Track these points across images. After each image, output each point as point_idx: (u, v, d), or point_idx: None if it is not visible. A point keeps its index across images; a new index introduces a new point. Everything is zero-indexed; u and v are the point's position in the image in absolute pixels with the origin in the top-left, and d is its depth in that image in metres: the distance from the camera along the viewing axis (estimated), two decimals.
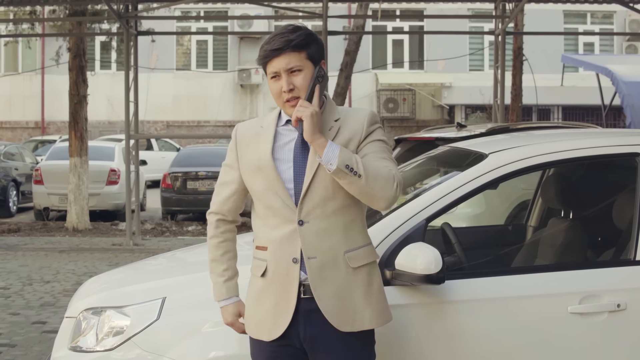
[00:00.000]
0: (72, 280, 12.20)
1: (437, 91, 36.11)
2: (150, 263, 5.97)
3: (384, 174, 3.75)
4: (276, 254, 3.87)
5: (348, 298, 3.86)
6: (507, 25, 17.82)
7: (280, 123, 3.96)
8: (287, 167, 3.86)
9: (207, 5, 23.10)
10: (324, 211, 3.82)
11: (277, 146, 3.90)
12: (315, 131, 3.73)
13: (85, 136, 18.82)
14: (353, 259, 3.87)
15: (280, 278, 3.86)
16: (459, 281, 4.44)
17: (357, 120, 3.90)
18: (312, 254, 3.82)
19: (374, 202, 3.78)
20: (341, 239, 3.85)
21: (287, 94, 3.81)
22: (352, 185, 3.72)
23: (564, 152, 4.80)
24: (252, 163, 3.92)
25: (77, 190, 18.52)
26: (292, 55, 3.81)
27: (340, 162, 3.68)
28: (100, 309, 4.76)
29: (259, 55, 3.88)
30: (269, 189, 3.86)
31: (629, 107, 19.84)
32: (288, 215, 3.83)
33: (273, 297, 3.88)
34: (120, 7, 16.83)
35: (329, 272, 3.83)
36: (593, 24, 36.67)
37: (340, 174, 3.69)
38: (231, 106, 36.82)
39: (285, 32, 3.83)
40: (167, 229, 18.95)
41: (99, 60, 35.46)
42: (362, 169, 3.70)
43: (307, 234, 3.82)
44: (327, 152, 3.70)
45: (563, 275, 4.60)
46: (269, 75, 3.86)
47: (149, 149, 31.19)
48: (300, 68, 3.82)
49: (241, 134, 4.03)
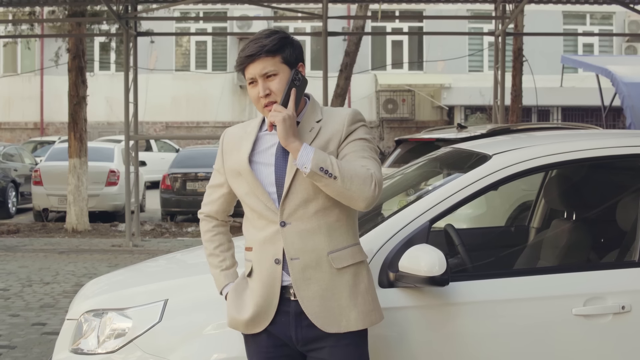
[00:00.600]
0: (71, 281, 12.17)
1: (436, 92, 36.10)
2: (151, 265, 5.95)
3: (360, 174, 3.73)
4: (259, 254, 3.90)
5: (333, 299, 3.85)
6: (507, 26, 17.81)
7: (263, 128, 3.99)
8: (269, 171, 3.88)
9: (207, 7, 23.07)
10: (305, 212, 3.83)
11: (258, 151, 3.93)
12: (288, 135, 3.73)
13: (84, 137, 18.80)
14: (337, 259, 3.85)
15: (263, 278, 3.88)
16: (462, 283, 4.41)
17: (338, 119, 3.89)
18: (294, 254, 3.83)
19: (352, 203, 3.77)
20: (324, 239, 3.84)
21: (264, 99, 3.82)
22: (328, 187, 3.71)
23: (569, 153, 4.77)
24: (233, 168, 3.97)
25: (76, 191, 18.50)
26: (267, 60, 3.81)
27: (314, 164, 3.68)
28: (101, 311, 4.73)
29: (236, 62, 3.89)
30: (250, 192, 3.90)
31: (629, 108, 19.85)
32: (271, 217, 3.85)
33: (255, 296, 3.90)
34: (119, 8, 16.82)
35: (312, 273, 3.83)
36: (592, 25, 36.66)
37: (315, 176, 3.69)
38: (230, 107, 36.80)
39: (260, 38, 3.85)
40: (166, 230, 18.93)
41: (97, 61, 35.44)
42: (338, 170, 3.69)
43: (289, 235, 3.83)
44: (301, 156, 3.70)
45: (567, 277, 4.57)
46: (247, 82, 3.87)
47: (148, 150, 31.17)
48: (275, 72, 3.82)
49: (227, 140, 4.08)
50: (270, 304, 3.87)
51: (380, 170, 3.81)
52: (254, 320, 3.90)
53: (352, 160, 3.78)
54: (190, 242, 16.94)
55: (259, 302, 3.88)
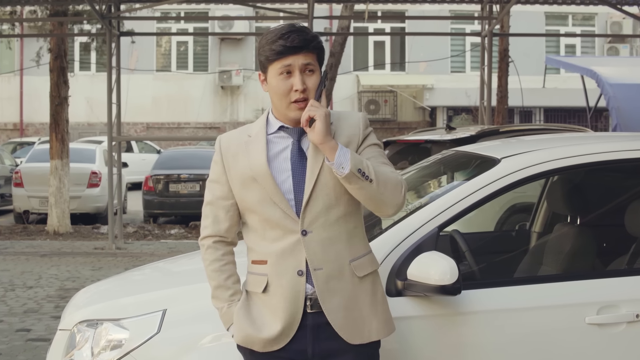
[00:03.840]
0: (55, 285, 11.96)
1: (418, 93, 36.00)
2: (137, 274, 5.77)
3: (392, 179, 3.60)
4: (278, 267, 3.67)
5: (356, 309, 3.69)
6: (494, 26, 17.70)
7: (270, 130, 3.77)
8: (285, 177, 3.67)
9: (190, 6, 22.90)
10: (327, 219, 3.65)
11: (270, 155, 3.71)
12: (327, 133, 3.55)
13: (66, 138, 18.58)
14: (358, 267, 3.70)
15: (285, 292, 3.66)
16: (472, 291, 4.25)
17: (352, 124, 3.75)
18: (318, 265, 3.64)
19: (382, 208, 3.62)
20: (345, 247, 3.68)
21: (299, 94, 3.61)
22: (362, 191, 3.55)
23: (581, 157, 4.63)
24: (244, 175, 3.72)
25: (58, 193, 18.28)
26: (309, 55, 3.63)
27: (353, 165, 3.50)
28: (96, 322, 4.53)
29: (271, 50, 3.61)
30: (266, 200, 3.66)
31: (615, 110, 19.82)
32: (290, 226, 3.64)
33: (278, 312, 3.67)
34: (102, 8, 16.60)
35: (335, 283, 3.66)
36: (574, 25, 36.68)
37: (353, 178, 3.51)
38: (211, 108, 36.62)
39: (301, 31, 3.64)
40: (149, 232, 18.75)
41: (78, 61, 35.16)
42: (374, 173, 3.54)
43: (312, 244, 3.64)
44: (339, 155, 3.52)
45: (580, 285, 4.43)
46: (279, 71, 3.62)
47: (128, 151, 30.96)
48: (314, 69, 3.65)
49: (226, 145, 3.81)
50: (295, 319, 3.66)
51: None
52: (277, 337, 3.68)
53: (376, 166, 3.61)
54: (174, 244, 16.79)
55: (284, 317, 3.66)
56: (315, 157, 3.65)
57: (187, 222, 19.71)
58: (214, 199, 3.82)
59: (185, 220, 19.91)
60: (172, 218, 20.85)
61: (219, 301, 3.84)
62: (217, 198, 3.81)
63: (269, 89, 3.70)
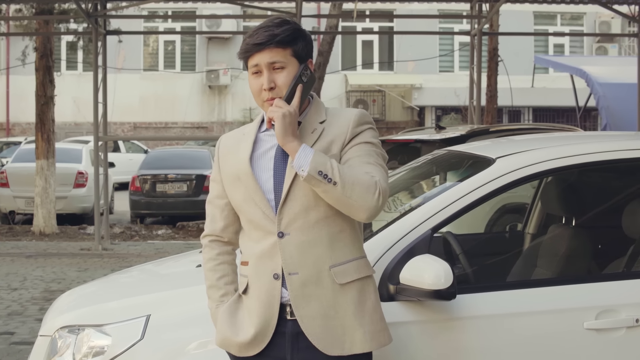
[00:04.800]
0: (40, 287, 11.79)
1: (407, 92, 35.89)
2: (123, 276, 5.63)
3: (363, 181, 3.40)
4: (256, 269, 3.56)
5: (336, 318, 3.51)
6: (484, 25, 17.60)
7: (262, 128, 3.66)
8: (267, 176, 3.55)
9: (178, 5, 22.71)
10: (305, 222, 3.49)
11: (257, 154, 3.60)
12: (286, 134, 3.40)
13: (52, 138, 18.40)
14: (340, 274, 3.52)
15: (261, 296, 3.54)
16: (467, 296, 4.11)
17: (343, 121, 3.57)
18: (293, 269, 3.49)
19: (353, 213, 3.44)
20: (326, 252, 3.51)
21: (267, 93, 3.49)
22: (327, 194, 3.39)
23: (576, 157, 4.48)
24: (231, 173, 3.62)
25: (44, 194, 18.10)
26: (276, 51, 3.49)
27: (312, 168, 3.35)
28: (77, 327, 4.38)
29: (241, 48, 3.55)
30: (248, 199, 3.55)
31: (605, 109, 19.84)
32: (268, 227, 3.52)
33: (253, 316, 3.55)
34: (88, 6, 16.44)
35: (312, 290, 3.50)
36: (563, 25, 36.66)
37: (313, 180, 3.36)
38: (199, 107, 36.46)
39: (271, 26, 3.52)
40: (136, 232, 18.61)
41: (65, 60, 34.93)
42: (338, 175, 3.36)
43: (288, 247, 3.49)
44: (299, 157, 3.38)
45: (578, 289, 4.30)
46: (251, 71, 3.54)
47: (115, 151, 30.76)
48: (283, 65, 3.50)
49: (223, 144, 3.75)
50: (269, 325, 3.52)
51: (386, 179, 3.49)
52: (251, 342, 3.54)
53: (356, 165, 3.45)
54: (161, 245, 16.66)
55: (258, 322, 3.53)
56: None
57: (174, 223, 19.58)
58: (212, 198, 3.76)
59: (173, 221, 19.78)
60: (159, 218, 20.71)
61: (210, 301, 3.73)
62: (214, 197, 3.75)
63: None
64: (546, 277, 5.06)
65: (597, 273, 5.12)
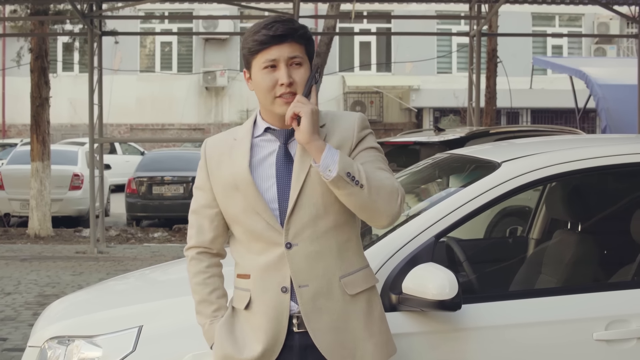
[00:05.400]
0: (34, 291, 11.62)
1: (404, 94, 35.72)
2: (120, 283, 5.46)
3: (387, 185, 3.26)
4: (262, 282, 3.37)
5: (347, 330, 3.37)
6: (483, 26, 17.47)
7: (257, 132, 3.46)
8: (269, 184, 3.37)
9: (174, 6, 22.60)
10: (314, 231, 3.33)
11: (255, 161, 3.40)
12: (314, 131, 3.22)
13: (47, 140, 18.23)
14: (350, 284, 3.38)
15: (267, 310, 3.36)
16: (472, 306, 3.96)
17: (347, 125, 3.42)
18: (303, 281, 3.33)
19: (376, 218, 3.29)
20: (335, 262, 3.36)
21: (284, 88, 3.29)
22: (352, 197, 3.22)
23: (584, 161, 4.33)
24: (227, 182, 3.42)
25: (39, 196, 17.93)
26: (295, 46, 3.32)
27: (341, 168, 3.17)
28: (67, 338, 4.21)
29: (254, 40, 3.32)
30: (249, 209, 3.36)
31: (604, 111, 19.72)
32: (274, 238, 3.34)
33: (260, 331, 3.37)
34: (84, 7, 16.28)
35: (323, 302, 3.34)
36: (561, 26, 36.51)
37: (340, 182, 3.18)
38: (196, 109, 36.28)
39: (286, 20, 3.34)
40: (132, 235, 18.44)
41: (61, 61, 34.72)
42: (365, 178, 3.20)
43: (297, 258, 3.32)
44: (326, 157, 3.19)
45: (587, 299, 4.14)
46: (263, 65, 3.32)
47: (112, 153, 30.57)
48: (301, 61, 3.33)
49: (210, 150, 3.53)
50: (277, 340, 3.35)
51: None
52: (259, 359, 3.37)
53: (369, 171, 3.27)
54: (157, 248, 16.49)
55: (265, 338, 3.35)
56: (302, 162, 3.34)
57: (170, 225, 19.41)
58: (198, 207, 3.55)
59: (169, 223, 19.60)
60: (155, 221, 20.52)
61: (202, 317, 3.54)
62: (202, 206, 3.53)
63: (254, 86, 3.40)
64: (552, 284, 4.92)
65: (605, 281, 4.95)
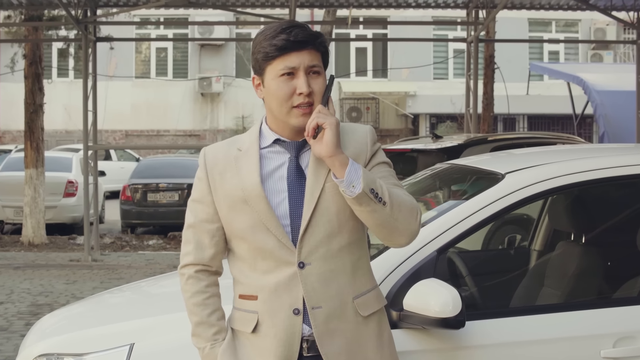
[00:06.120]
0: (27, 300, 11.47)
1: (401, 100, 35.60)
2: (114, 296, 5.31)
3: (407, 203, 3.12)
4: (271, 304, 3.17)
5: (359, 353, 3.21)
6: (480, 32, 17.36)
7: (264, 143, 3.25)
8: (280, 199, 3.17)
9: (169, 12, 22.46)
10: (328, 250, 3.15)
11: (263, 173, 3.20)
12: (338, 144, 3.04)
13: (41, 146, 18.09)
14: (363, 305, 3.22)
15: (278, 334, 3.16)
16: (476, 322, 3.82)
17: (358, 137, 3.25)
18: (316, 302, 3.14)
19: (395, 237, 3.14)
20: (349, 282, 3.19)
21: (303, 98, 3.10)
22: (374, 215, 3.05)
23: (591, 172, 4.21)
24: (233, 195, 3.20)
25: (33, 203, 17.77)
26: (315, 54, 3.14)
27: (365, 184, 3.00)
28: (56, 356, 4.07)
29: (272, 45, 3.10)
30: (258, 225, 3.16)
31: (602, 117, 19.64)
32: (285, 257, 3.15)
33: (267, 355, 3.18)
34: (78, 12, 16.15)
35: (336, 324, 3.16)
36: (557, 32, 36.42)
37: (364, 199, 3.01)
38: (191, 115, 36.13)
39: (303, 26, 3.15)
40: (126, 243, 18.29)
41: (56, 67, 34.59)
42: (387, 195, 3.05)
43: (310, 278, 3.14)
44: (350, 172, 3.02)
45: (594, 315, 4.01)
46: (280, 72, 3.11)
47: (107, 159, 30.47)
48: (319, 70, 3.15)
49: (212, 160, 3.29)
50: None
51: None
52: None
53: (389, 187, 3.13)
54: (152, 255, 16.34)
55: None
56: (315, 177, 3.16)
57: (165, 233, 19.28)
58: (196, 221, 3.31)
59: (164, 231, 19.47)
60: (150, 228, 20.38)
61: (201, 340, 3.30)
62: (201, 221, 3.30)
63: (266, 94, 3.19)
64: (555, 297, 4.78)
65: (610, 294, 4.82)
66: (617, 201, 5.27)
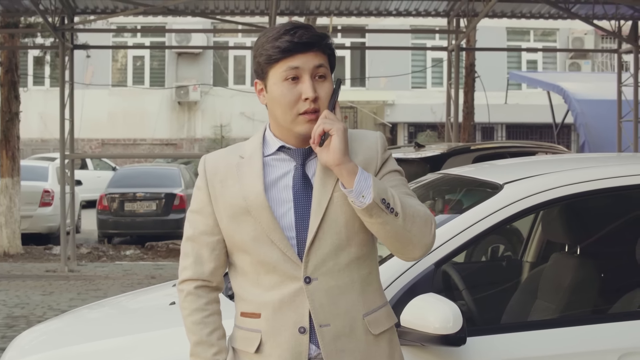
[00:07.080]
0: (2, 312, 11.24)
1: (379, 109, 35.53)
2: (93, 311, 5.14)
3: (421, 213, 2.93)
4: (275, 322, 2.96)
5: None
6: (461, 41, 17.28)
7: (268, 151, 3.05)
8: (285, 209, 2.97)
9: (147, 19, 22.29)
10: (336, 264, 2.95)
11: (267, 182, 2.99)
12: (346, 152, 2.86)
13: (17, 155, 17.86)
14: (374, 323, 3.02)
15: (283, 354, 2.95)
16: (475, 339, 3.67)
17: (368, 144, 3.06)
18: (324, 320, 2.94)
19: (408, 249, 2.95)
20: (358, 298, 3.00)
21: (309, 103, 2.92)
22: (385, 227, 2.86)
23: (591, 182, 4.07)
24: (234, 205, 3.00)
25: (8, 213, 17.54)
26: (321, 56, 2.96)
27: (376, 194, 2.82)
28: None
29: (275, 47, 2.91)
30: (262, 237, 2.95)
31: (583, 126, 19.62)
32: (290, 271, 2.94)
33: None
34: (55, 20, 15.96)
35: (345, 343, 2.96)
36: (536, 41, 36.43)
37: (375, 210, 2.82)
38: (168, 124, 35.92)
39: (308, 27, 2.97)
40: (103, 253, 18.09)
41: (31, 75, 34.33)
42: (400, 205, 2.86)
43: (317, 294, 2.94)
44: (360, 181, 2.83)
45: (598, 330, 3.87)
46: (284, 76, 2.92)
47: (83, 168, 30.20)
48: (325, 73, 2.97)
49: (212, 168, 3.09)
50: None
51: None
52: None
53: (401, 196, 2.94)
54: (129, 266, 16.15)
55: None
56: (323, 186, 2.97)
57: (143, 243, 19.09)
58: (196, 234, 3.10)
59: (141, 241, 19.28)
60: (127, 238, 20.19)
61: (199, 359, 3.08)
62: (201, 233, 3.09)
63: (270, 99, 3.00)
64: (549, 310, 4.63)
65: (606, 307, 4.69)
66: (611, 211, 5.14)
